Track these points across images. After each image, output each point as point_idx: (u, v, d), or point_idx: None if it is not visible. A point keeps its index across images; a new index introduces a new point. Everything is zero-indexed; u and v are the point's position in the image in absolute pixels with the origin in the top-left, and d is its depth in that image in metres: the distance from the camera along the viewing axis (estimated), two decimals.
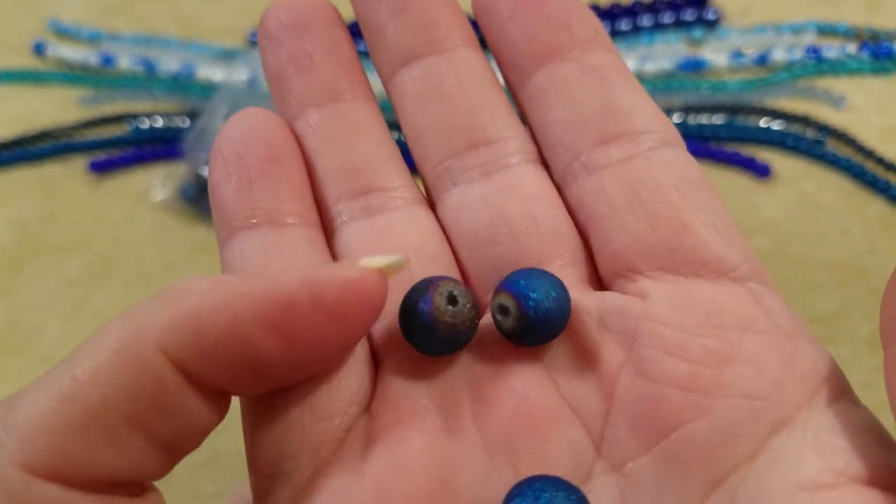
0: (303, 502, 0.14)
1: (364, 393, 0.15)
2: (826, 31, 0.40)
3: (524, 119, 0.17)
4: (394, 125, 0.18)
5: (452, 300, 0.14)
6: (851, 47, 0.39)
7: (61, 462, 0.11)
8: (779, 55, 0.39)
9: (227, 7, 0.44)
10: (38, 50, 0.42)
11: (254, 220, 0.16)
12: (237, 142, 0.16)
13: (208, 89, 0.40)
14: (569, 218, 0.16)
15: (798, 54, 0.39)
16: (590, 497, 0.13)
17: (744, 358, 0.14)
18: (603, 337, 0.15)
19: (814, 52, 0.39)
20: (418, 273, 0.16)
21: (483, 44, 0.18)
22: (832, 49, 0.39)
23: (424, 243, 0.16)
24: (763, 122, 0.37)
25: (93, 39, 0.43)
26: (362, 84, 0.18)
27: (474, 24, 0.18)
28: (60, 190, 0.37)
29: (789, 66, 0.39)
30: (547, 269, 0.15)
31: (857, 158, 0.36)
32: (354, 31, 0.18)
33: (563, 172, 0.16)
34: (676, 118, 0.37)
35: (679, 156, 0.16)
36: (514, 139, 0.17)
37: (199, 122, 0.37)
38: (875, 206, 0.35)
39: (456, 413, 0.15)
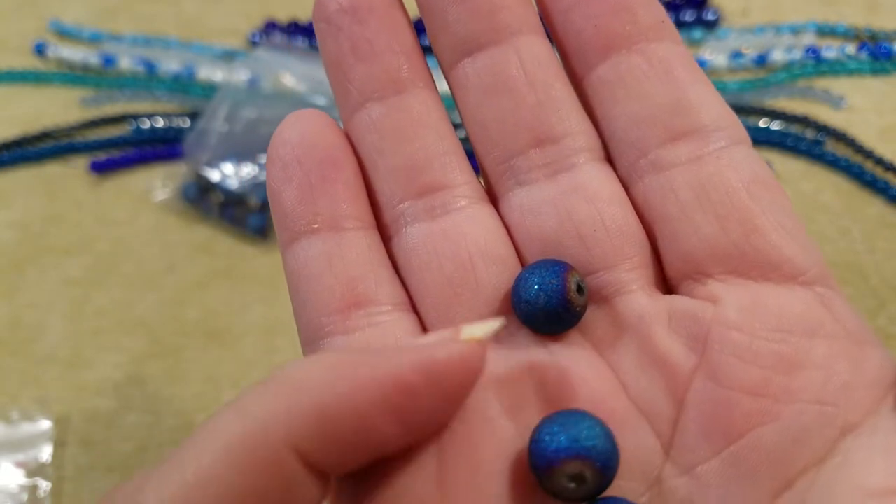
0: (373, 500, 0.14)
1: None
2: (825, 31, 0.40)
3: (587, 111, 0.17)
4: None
5: (580, 289, 0.15)
6: (850, 48, 0.39)
7: None
8: (778, 56, 0.39)
9: (228, 8, 0.44)
10: (39, 50, 0.42)
11: (315, 226, 0.16)
12: (295, 145, 0.16)
13: (209, 90, 0.40)
14: (637, 218, 0.16)
15: (797, 55, 0.39)
16: (660, 500, 0.14)
17: (813, 363, 0.14)
18: (673, 341, 0.15)
19: (813, 52, 0.39)
20: (484, 278, 0.16)
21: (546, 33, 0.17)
22: (831, 49, 0.39)
23: (490, 245, 0.16)
24: (762, 123, 0.37)
25: (94, 40, 0.43)
26: (424, 73, 0.17)
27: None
28: (62, 190, 0.38)
29: (788, 67, 0.39)
30: (615, 272, 0.15)
31: (856, 158, 0.36)
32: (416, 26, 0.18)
33: (629, 169, 0.16)
34: None
35: (748, 155, 0.15)
36: (580, 135, 0.16)
37: (199, 123, 0.37)
38: (874, 205, 0.35)
39: (526, 416, 0.15)
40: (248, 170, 0.36)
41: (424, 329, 0.16)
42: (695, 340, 0.14)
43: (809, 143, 0.36)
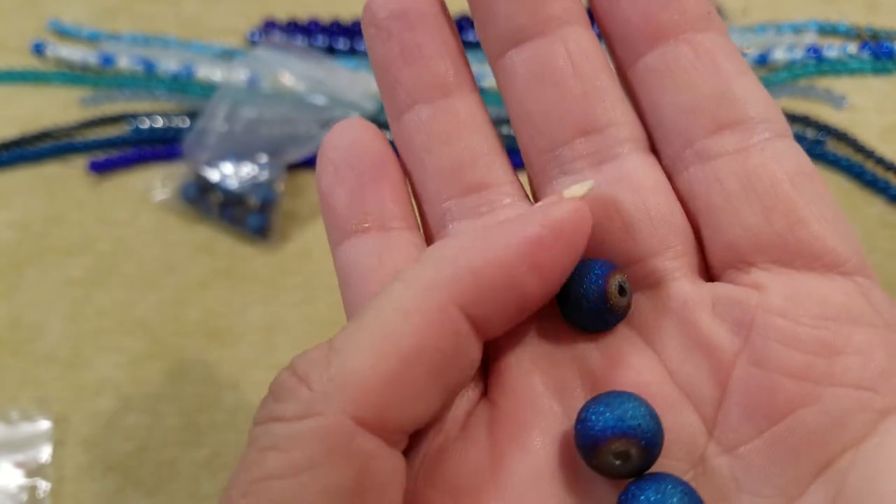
0: (430, 472, 0.15)
1: (474, 382, 0.16)
2: (826, 30, 0.40)
3: (632, 99, 0.17)
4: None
5: (622, 290, 0.15)
6: (852, 47, 0.39)
7: (383, 415, 0.13)
8: (779, 55, 0.39)
9: (228, 7, 0.44)
10: (39, 50, 0.42)
11: (366, 225, 0.17)
12: (346, 150, 0.17)
13: (208, 89, 0.40)
14: (680, 208, 0.16)
15: (798, 54, 0.39)
16: (704, 478, 0.14)
17: (853, 349, 0.14)
18: (717, 326, 0.15)
19: (814, 51, 0.39)
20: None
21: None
22: (832, 49, 0.39)
23: None
24: None
25: (93, 39, 0.43)
26: (469, 77, 0.18)
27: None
28: (61, 190, 0.37)
29: (790, 66, 0.39)
30: (659, 260, 0.16)
31: (857, 158, 0.36)
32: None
33: (674, 158, 0.16)
34: None
35: (792, 147, 0.16)
36: (625, 125, 0.17)
37: (198, 122, 0.37)
38: (875, 205, 0.35)
39: (571, 399, 0.15)
40: (247, 169, 0.36)
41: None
42: (739, 326, 0.15)
43: (810, 142, 0.36)
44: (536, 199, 0.17)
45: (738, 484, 0.14)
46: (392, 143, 0.18)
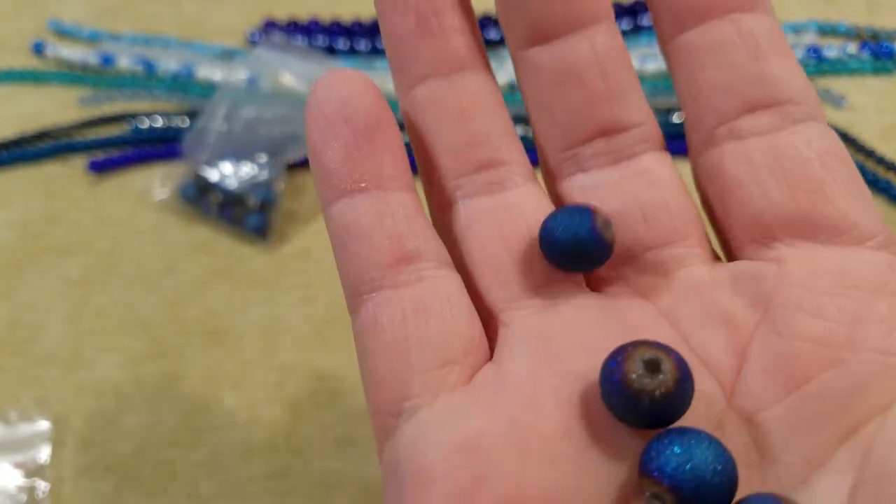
0: (429, 435, 0.14)
1: (478, 342, 0.16)
2: (826, 30, 0.40)
3: (670, 71, 0.17)
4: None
5: (606, 223, 0.15)
6: (852, 47, 0.39)
7: None
8: None
9: (227, 7, 0.43)
10: (38, 50, 0.42)
11: (363, 185, 0.16)
12: (340, 104, 0.16)
13: (208, 89, 0.40)
14: (695, 203, 0.17)
15: (798, 54, 0.39)
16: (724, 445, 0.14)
17: (876, 318, 0.14)
18: (735, 301, 0.15)
19: (814, 51, 0.39)
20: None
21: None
22: (832, 49, 0.39)
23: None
24: None
25: (92, 39, 0.43)
26: (483, 55, 0.17)
27: None
28: (60, 190, 0.37)
29: None
30: (675, 248, 0.16)
31: (858, 158, 0.36)
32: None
33: (706, 135, 0.16)
34: (677, 118, 0.37)
35: (825, 131, 0.16)
36: (646, 125, 0.17)
37: (198, 122, 0.37)
38: (875, 205, 0.35)
39: (585, 359, 0.15)
40: (247, 169, 0.36)
41: (468, 279, 0.16)
42: (758, 299, 0.15)
43: None
44: (551, 194, 0.17)
45: (759, 452, 0.14)
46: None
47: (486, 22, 0.40)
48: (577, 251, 0.15)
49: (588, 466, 0.14)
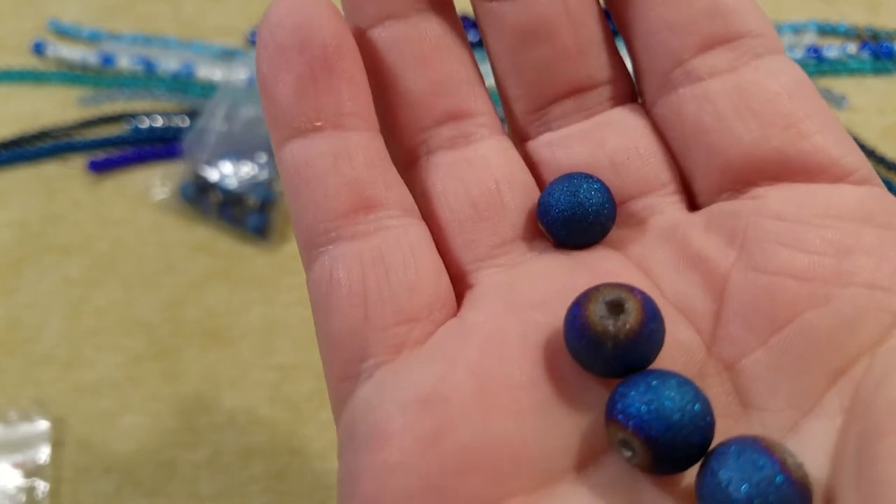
0: (384, 387, 0.13)
1: (445, 298, 0.14)
2: (826, 30, 0.40)
3: (618, 17, 0.16)
4: None
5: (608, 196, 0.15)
6: (852, 47, 0.39)
7: None
8: None
9: (228, 7, 0.43)
10: (38, 50, 0.42)
11: (318, 123, 0.14)
12: (295, 30, 0.14)
13: (208, 89, 0.40)
14: (667, 150, 0.15)
15: (798, 54, 0.39)
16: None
17: (863, 249, 0.13)
18: (708, 239, 0.14)
19: (814, 51, 0.39)
20: (510, 202, 0.15)
21: None
22: (832, 49, 0.39)
23: (515, 173, 0.16)
24: None
25: (92, 39, 0.43)
26: None
27: None
28: (60, 190, 0.37)
29: None
30: (649, 198, 0.15)
31: None
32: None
33: (662, 80, 0.15)
34: None
35: (787, 63, 0.15)
36: (618, 81, 0.16)
37: (198, 122, 0.37)
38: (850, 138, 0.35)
39: (553, 310, 0.14)
40: (247, 169, 0.36)
41: (435, 239, 0.15)
42: (733, 234, 0.14)
43: None
44: (520, 150, 0.16)
45: (742, 400, 0.13)
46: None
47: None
48: (577, 227, 0.15)
49: (553, 418, 0.13)
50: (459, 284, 0.15)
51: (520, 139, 0.16)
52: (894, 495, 0.10)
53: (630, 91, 0.16)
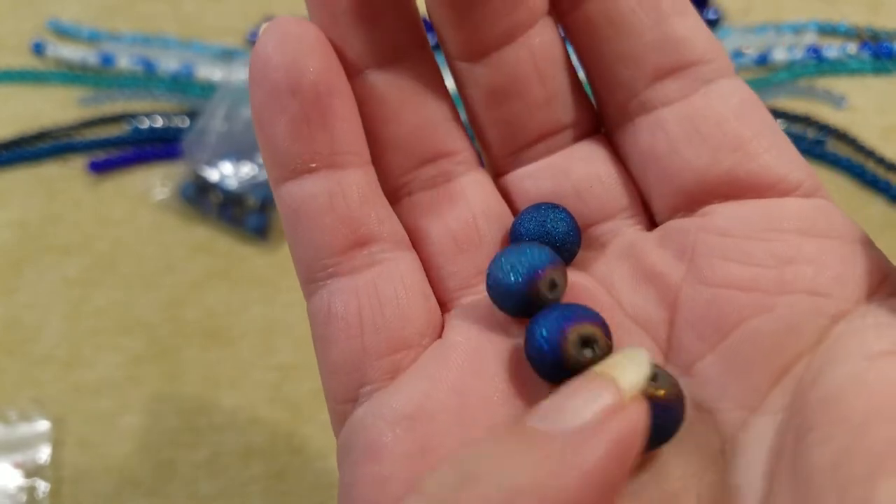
0: (377, 405, 0.15)
1: (434, 324, 0.16)
2: (826, 30, 0.40)
3: (574, 47, 0.16)
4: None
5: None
6: (852, 47, 0.39)
7: None
8: (779, 55, 0.39)
9: (228, 7, 0.43)
10: (38, 50, 0.42)
11: (313, 165, 0.15)
12: (286, 70, 0.14)
13: (208, 89, 0.40)
14: (629, 176, 0.16)
15: (798, 54, 0.39)
16: None
17: (804, 258, 0.14)
18: (661, 255, 0.15)
19: (814, 51, 0.39)
20: (486, 234, 0.16)
21: None
22: (833, 49, 0.39)
23: (490, 205, 0.17)
24: None
25: (92, 39, 0.43)
26: (424, 39, 0.16)
27: None
28: (60, 190, 0.37)
29: (790, 66, 0.39)
30: (613, 222, 0.16)
31: (858, 158, 0.36)
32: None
33: (619, 111, 0.16)
34: None
35: (736, 84, 0.16)
36: (585, 122, 0.17)
37: (198, 122, 0.37)
38: (875, 205, 0.35)
39: (522, 324, 0.15)
40: (246, 169, 0.36)
41: (425, 269, 0.16)
42: (682, 250, 0.15)
43: (811, 142, 0.36)
44: (496, 182, 0.17)
45: (697, 402, 0.14)
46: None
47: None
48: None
49: None
50: (444, 308, 0.16)
51: (495, 174, 0.17)
52: (822, 482, 0.11)
53: (594, 124, 0.17)
